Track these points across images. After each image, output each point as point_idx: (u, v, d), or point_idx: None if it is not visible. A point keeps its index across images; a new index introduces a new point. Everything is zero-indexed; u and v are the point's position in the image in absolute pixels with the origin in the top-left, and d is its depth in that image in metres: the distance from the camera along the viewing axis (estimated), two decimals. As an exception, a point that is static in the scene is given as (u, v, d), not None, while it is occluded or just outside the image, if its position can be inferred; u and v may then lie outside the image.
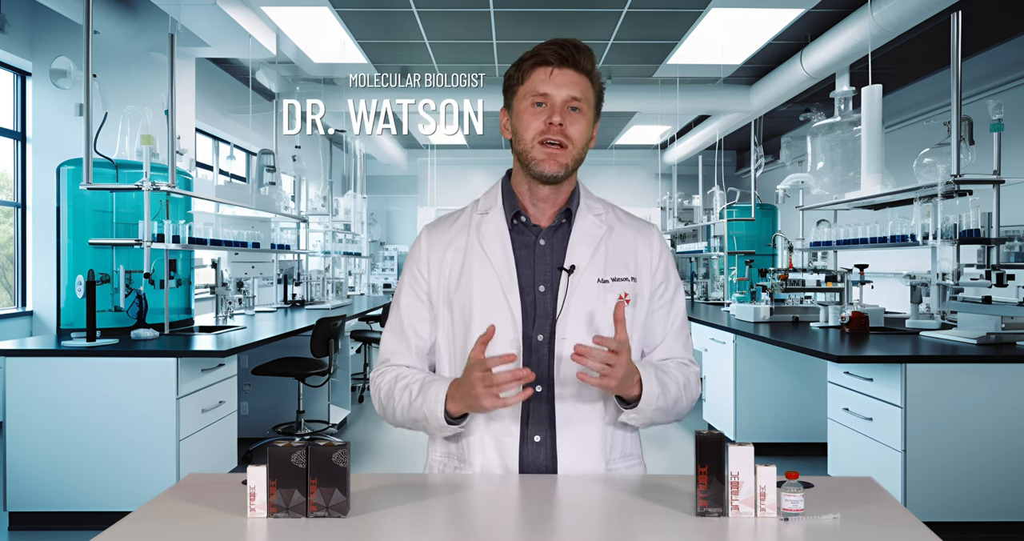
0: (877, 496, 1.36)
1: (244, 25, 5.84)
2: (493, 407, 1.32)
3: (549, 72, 1.42)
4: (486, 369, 1.30)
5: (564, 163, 1.42)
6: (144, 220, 3.98)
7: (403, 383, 1.47)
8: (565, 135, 1.41)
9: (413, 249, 1.56)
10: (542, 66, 1.42)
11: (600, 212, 1.53)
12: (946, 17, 4.31)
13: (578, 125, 1.43)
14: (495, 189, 1.55)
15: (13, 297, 6.31)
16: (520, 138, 1.44)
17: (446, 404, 1.39)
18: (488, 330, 1.33)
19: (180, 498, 1.34)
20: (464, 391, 1.35)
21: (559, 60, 1.41)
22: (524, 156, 1.44)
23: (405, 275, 1.56)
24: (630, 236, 1.53)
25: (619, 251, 1.50)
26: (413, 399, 1.44)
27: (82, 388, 3.50)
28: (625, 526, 1.23)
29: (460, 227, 1.53)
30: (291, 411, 5.23)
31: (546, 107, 1.42)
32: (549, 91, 1.41)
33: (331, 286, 7.45)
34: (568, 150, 1.42)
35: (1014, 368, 3.26)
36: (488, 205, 1.53)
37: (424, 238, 1.55)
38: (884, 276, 6.03)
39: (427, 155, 13.27)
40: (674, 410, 1.47)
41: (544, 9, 6.27)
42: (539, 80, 1.42)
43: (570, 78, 1.42)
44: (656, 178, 13.29)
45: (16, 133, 6.32)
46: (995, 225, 3.84)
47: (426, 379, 1.46)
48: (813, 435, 4.74)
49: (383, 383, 1.51)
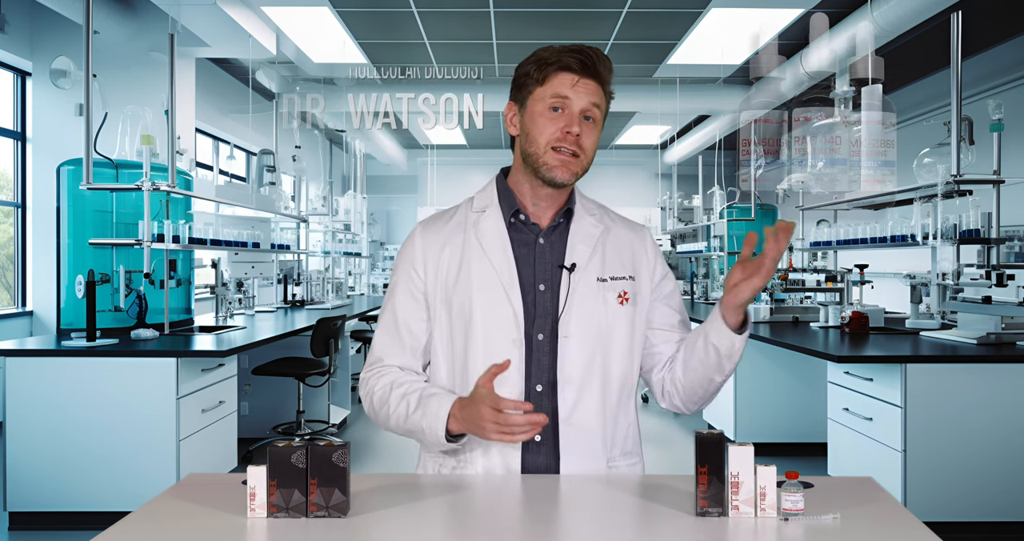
0: (877, 496, 1.36)
1: (244, 25, 5.84)
2: (500, 440, 1.30)
3: (571, 80, 1.41)
4: (499, 409, 1.28)
5: (575, 172, 1.44)
6: (144, 220, 3.98)
7: (400, 391, 1.45)
8: (579, 145, 1.42)
9: (406, 247, 1.54)
10: (565, 72, 1.41)
11: (595, 213, 1.55)
12: (946, 17, 4.31)
13: (592, 135, 1.44)
14: (490, 187, 1.54)
15: (13, 297, 6.31)
16: (533, 141, 1.44)
17: (448, 422, 1.37)
18: (504, 363, 1.31)
19: (180, 498, 1.34)
20: (471, 420, 1.33)
21: (582, 69, 1.41)
22: (535, 159, 1.44)
23: (399, 273, 1.53)
24: (626, 236, 1.55)
25: (616, 250, 1.51)
26: (411, 412, 1.41)
27: (82, 388, 3.49)
28: (625, 526, 1.23)
29: (456, 225, 1.52)
30: (291, 411, 5.23)
31: (563, 114, 1.42)
32: (569, 99, 1.41)
33: (331, 286, 7.44)
34: (580, 159, 1.43)
35: (1014, 368, 3.26)
36: (484, 203, 1.52)
37: (419, 236, 1.53)
38: (884, 276, 6.03)
39: (427, 155, 13.27)
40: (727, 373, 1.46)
41: (544, 9, 6.27)
42: (560, 86, 1.41)
43: (590, 88, 1.42)
44: (656, 178, 13.29)
45: (16, 133, 6.32)
46: (995, 225, 3.84)
47: (425, 391, 1.43)
48: (813, 435, 4.74)
49: (377, 387, 1.48)
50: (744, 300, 1.35)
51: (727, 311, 1.38)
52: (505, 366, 1.31)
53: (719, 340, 1.40)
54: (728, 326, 1.38)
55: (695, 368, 1.45)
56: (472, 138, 12.24)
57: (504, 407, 1.28)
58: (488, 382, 1.30)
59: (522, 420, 1.28)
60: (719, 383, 1.46)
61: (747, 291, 1.33)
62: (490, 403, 1.29)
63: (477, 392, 1.32)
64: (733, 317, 1.38)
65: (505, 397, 1.30)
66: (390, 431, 1.48)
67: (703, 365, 1.43)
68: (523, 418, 1.28)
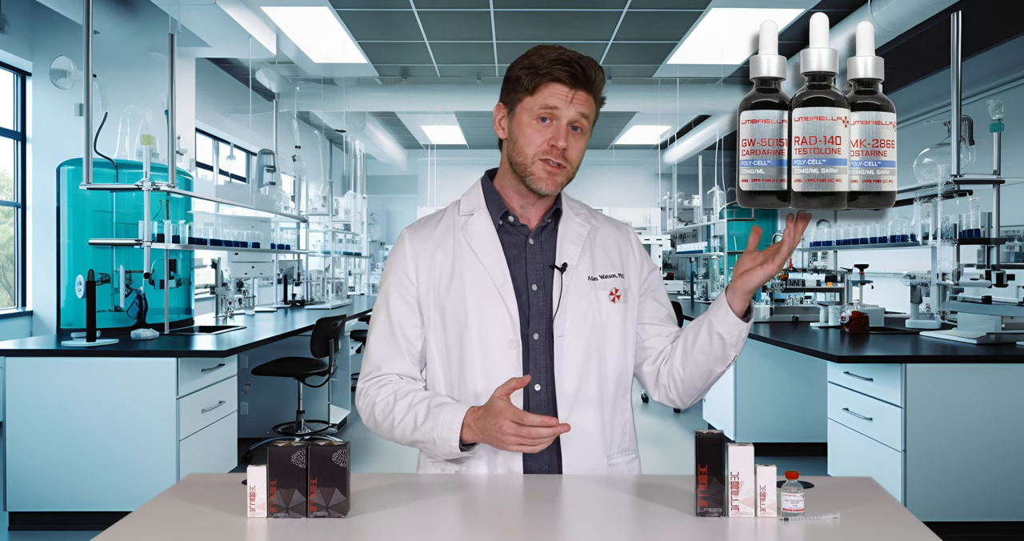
0: (877, 496, 1.36)
1: (244, 25, 5.84)
2: (519, 451, 1.32)
3: (561, 92, 1.40)
4: (521, 423, 1.28)
5: (561, 182, 1.44)
6: (144, 220, 3.97)
7: (405, 402, 1.43)
8: (565, 158, 1.42)
9: (396, 252, 1.52)
10: (556, 84, 1.40)
11: (580, 212, 1.56)
12: (946, 17, 4.31)
13: (578, 146, 1.44)
14: (476, 190, 1.54)
15: (13, 297, 6.31)
16: (520, 151, 1.43)
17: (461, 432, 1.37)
18: (525, 378, 1.32)
19: (180, 498, 1.34)
20: (488, 431, 1.32)
21: (572, 82, 1.40)
22: (522, 169, 1.43)
23: (390, 279, 1.51)
24: (612, 235, 1.56)
25: (604, 249, 1.53)
26: (420, 423, 1.40)
27: (82, 388, 3.49)
28: (625, 526, 1.23)
29: (445, 229, 1.52)
30: (291, 411, 5.23)
31: (551, 125, 1.41)
32: (559, 110, 1.40)
33: (331, 286, 7.44)
34: (566, 170, 1.44)
35: (1014, 368, 3.26)
36: (471, 206, 1.52)
37: (408, 241, 1.52)
38: (884, 276, 6.03)
39: (427, 155, 13.28)
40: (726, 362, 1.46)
41: (544, 9, 6.27)
42: (550, 97, 1.40)
43: (580, 99, 1.41)
44: (656, 178, 13.29)
45: (16, 133, 6.32)
46: (995, 225, 3.84)
47: (433, 401, 1.42)
48: (813, 435, 4.74)
49: (379, 398, 1.46)
50: (754, 286, 1.36)
51: (734, 296, 1.38)
52: (525, 381, 1.32)
53: (724, 327, 1.40)
54: (734, 312, 1.39)
55: (696, 359, 1.45)
56: (472, 138, 12.24)
57: (528, 422, 1.28)
58: (506, 394, 1.31)
59: (548, 432, 1.28)
60: (718, 374, 1.46)
61: (759, 277, 1.35)
62: (511, 417, 1.29)
63: (495, 405, 1.31)
64: (740, 303, 1.39)
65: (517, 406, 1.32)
66: (393, 441, 1.47)
67: (705, 355, 1.43)
68: (549, 430, 1.28)
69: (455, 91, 8.32)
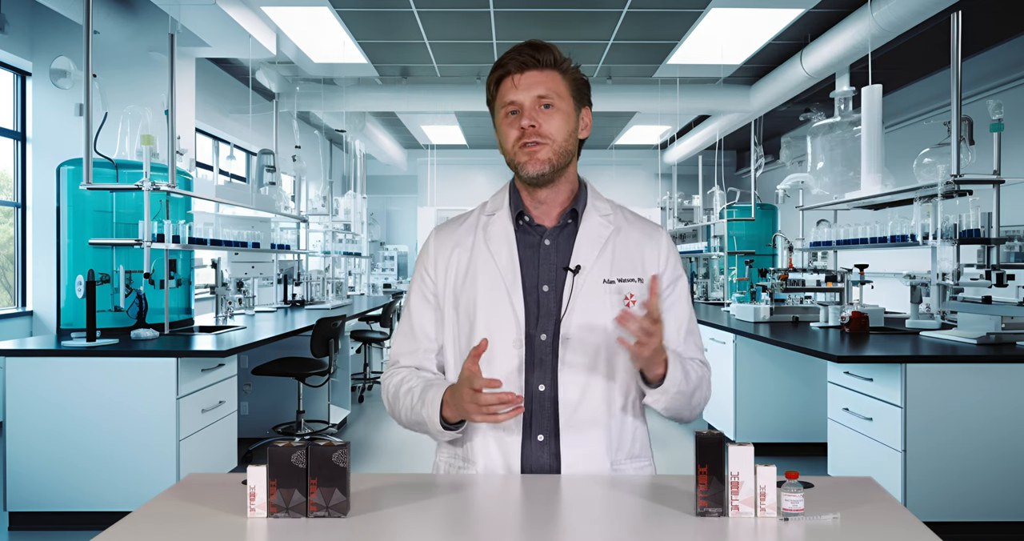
0: (877, 496, 1.36)
1: (244, 25, 5.84)
2: (484, 421, 1.33)
3: (513, 80, 1.44)
4: (476, 388, 1.30)
5: (544, 159, 1.43)
6: (144, 220, 3.98)
7: (407, 387, 1.49)
8: (540, 134, 1.43)
9: (422, 251, 1.59)
10: (507, 78, 1.45)
11: (607, 213, 1.53)
12: (946, 17, 4.31)
13: (554, 120, 1.44)
14: (503, 191, 1.57)
15: (13, 297, 6.31)
16: (504, 149, 1.48)
17: (442, 410, 1.41)
18: (481, 343, 1.33)
19: (180, 498, 1.34)
20: (457, 404, 1.36)
21: (518, 67, 1.44)
22: (511, 164, 1.48)
23: (415, 276, 1.59)
24: (637, 238, 1.53)
25: (626, 252, 1.51)
26: (414, 403, 1.46)
27: (82, 388, 3.50)
28: (625, 526, 1.23)
29: (467, 228, 1.56)
30: (291, 411, 5.23)
31: (518, 115, 1.44)
32: (516, 98, 1.43)
33: (331, 286, 7.45)
34: (547, 146, 1.43)
35: (1014, 368, 3.26)
36: (495, 206, 1.55)
37: (432, 240, 1.58)
38: (884, 276, 6.03)
39: (427, 155, 13.28)
40: (692, 401, 1.46)
41: (544, 9, 6.27)
42: (506, 90, 1.45)
43: (533, 79, 1.43)
44: (656, 178, 13.30)
45: (16, 133, 6.32)
46: (995, 225, 3.84)
47: (427, 383, 1.47)
48: (813, 435, 4.74)
49: (390, 386, 1.54)
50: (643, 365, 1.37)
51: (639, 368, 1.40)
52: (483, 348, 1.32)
53: (648, 401, 1.44)
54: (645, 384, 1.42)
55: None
56: (472, 138, 12.25)
57: (480, 386, 1.30)
58: (473, 364, 1.32)
59: (493, 399, 1.30)
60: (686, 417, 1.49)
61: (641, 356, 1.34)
62: (468, 384, 1.31)
63: (461, 374, 1.35)
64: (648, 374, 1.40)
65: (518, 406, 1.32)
66: (409, 429, 1.52)
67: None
68: (494, 397, 1.30)
69: (455, 91, 8.33)
